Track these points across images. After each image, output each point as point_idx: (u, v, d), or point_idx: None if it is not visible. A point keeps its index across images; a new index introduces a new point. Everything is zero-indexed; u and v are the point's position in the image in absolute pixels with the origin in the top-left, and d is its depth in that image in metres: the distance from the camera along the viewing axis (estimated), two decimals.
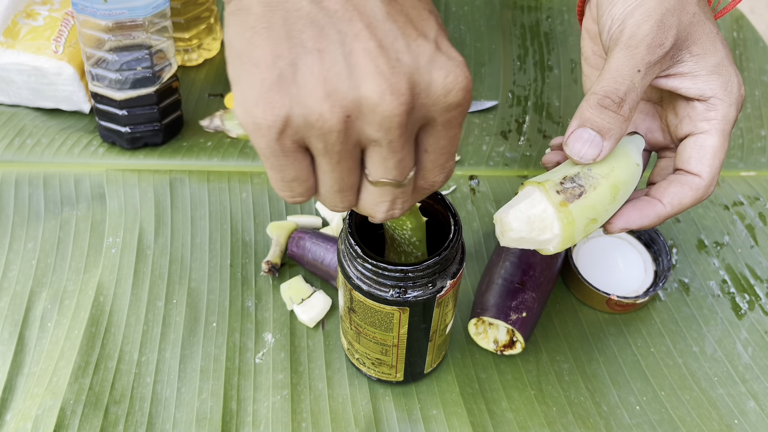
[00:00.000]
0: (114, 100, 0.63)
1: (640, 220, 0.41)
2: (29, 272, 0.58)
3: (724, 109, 0.40)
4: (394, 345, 0.47)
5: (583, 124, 0.38)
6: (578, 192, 0.39)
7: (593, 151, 0.38)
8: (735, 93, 0.40)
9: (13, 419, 0.50)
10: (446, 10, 0.82)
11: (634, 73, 0.38)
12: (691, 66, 0.40)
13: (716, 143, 0.40)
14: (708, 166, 0.40)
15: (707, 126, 0.40)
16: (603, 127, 0.38)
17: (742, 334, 0.58)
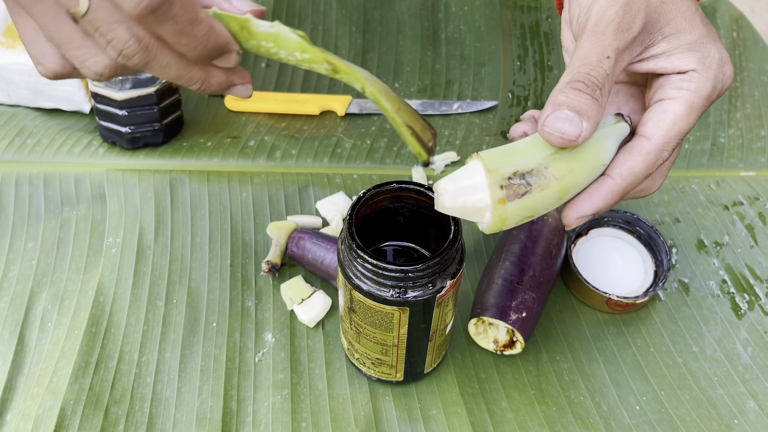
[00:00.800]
0: (114, 100, 0.63)
1: (590, 204, 0.39)
2: (29, 272, 0.58)
3: (699, 82, 0.38)
4: (394, 345, 0.47)
5: (558, 106, 0.37)
6: (522, 191, 0.37)
7: (574, 129, 0.36)
8: (714, 68, 0.38)
9: (13, 419, 0.50)
10: (446, 10, 0.82)
11: (603, 59, 0.37)
12: (665, 46, 0.39)
13: (679, 110, 0.38)
14: (662, 130, 0.38)
15: (677, 94, 0.39)
16: (580, 108, 0.36)
17: (741, 334, 0.58)
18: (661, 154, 0.39)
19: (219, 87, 0.37)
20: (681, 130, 0.39)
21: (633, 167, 0.38)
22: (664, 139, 0.38)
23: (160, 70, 0.34)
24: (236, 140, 0.69)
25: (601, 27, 0.38)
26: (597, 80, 0.37)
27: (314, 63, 0.36)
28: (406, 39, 0.80)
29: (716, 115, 0.74)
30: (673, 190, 0.68)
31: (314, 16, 0.81)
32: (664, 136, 0.38)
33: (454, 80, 0.77)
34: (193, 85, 0.36)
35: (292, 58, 0.36)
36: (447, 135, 0.72)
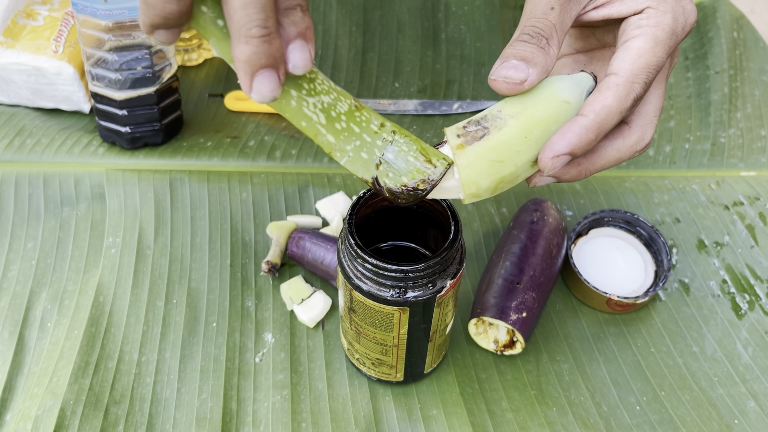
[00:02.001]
0: (114, 100, 0.63)
1: (565, 141, 0.37)
2: (29, 272, 0.58)
3: (657, 17, 0.38)
4: (394, 345, 0.47)
5: (506, 58, 0.38)
6: (480, 134, 0.37)
7: (519, 74, 0.37)
8: (670, 2, 0.38)
9: (13, 419, 0.50)
10: (446, 10, 0.82)
11: (547, 10, 0.38)
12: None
13: (642, 44, 0.38)
14: (628, 62, 0.38)
15: (638, 32, 0.38)
16: (525, 56, 0.37)
17: (742, 334, 0.58)
18: (631, 86, 0.38)
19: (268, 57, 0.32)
20: (648, 62, 0.38)
21: (604, 101, 0.37)
22: (632, 71, 0.38)
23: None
24: (236, 140, 0.69)
25: None
26: (542, 30, 0.37)
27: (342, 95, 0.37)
28: (406, 39, 0.80)
29: (716, 115, 0.74)
30: (673, 190, 0.68)
31: (314, 16, 0.81)
32: (630, 68, 0.38)
33: (454, 80, 0.77)
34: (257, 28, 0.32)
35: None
36: None
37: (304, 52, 0.33)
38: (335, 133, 0.37)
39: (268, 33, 0.31)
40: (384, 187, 0.38)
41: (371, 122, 0.38)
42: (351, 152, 0.37)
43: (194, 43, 0.76)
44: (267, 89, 0.32)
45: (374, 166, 0.37)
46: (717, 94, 0.75)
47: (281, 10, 0.32)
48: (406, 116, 0.74)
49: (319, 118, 0.36)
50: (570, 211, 0.65)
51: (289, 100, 0.35)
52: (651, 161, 0.70)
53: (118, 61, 0.61)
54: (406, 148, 0.38)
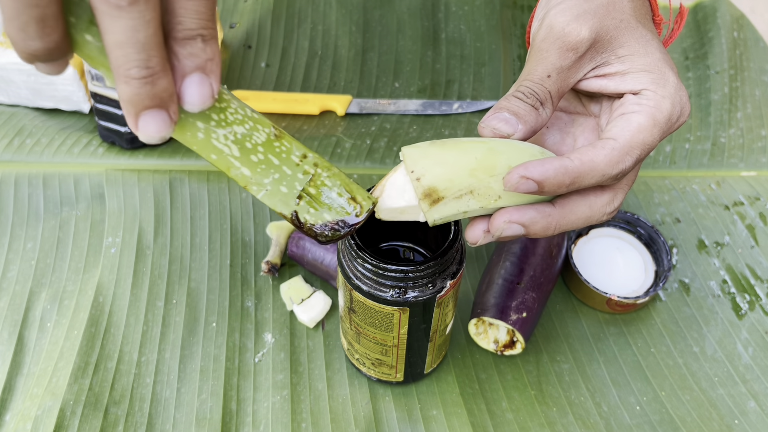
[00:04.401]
0: (114, 100, 0.63)
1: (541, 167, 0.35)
2: (29, 272, 0.58)
3: (656, 100, 0.38)
4: (394, 345, 0.47)
5: (498, 109, 0.38)
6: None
7: (508, 128, 0.37)
8: (670, 88, 0.38)
9: (12, 420, 0.50)
10: (446, 10, 0.82)
11: (544, 77, 0.38)
12: (618, 67, 0.39)
13: (643, 121, 0.37)
14: (627, 134, 0.37)
15: (638, 108, 0.38)
16: (518, 112, 0.37)
17: (742, 334, 0.58)
18: (624, 157, 0.37)
19: (154, 97, 0.30)
20: (645, 140, 0.37)
21: (594, 157, 0.37)
22: (630, 143, 0.37)
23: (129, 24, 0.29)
24: None
25: (546, 44, 0.38)
26: (537, 94, 0.38)
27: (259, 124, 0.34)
28: (406, 39, 0.80)
29: (717, 115, 0.74)
30: (673, 190, 0.68)
31: (314, 15, 0.81)
32: (630, 139, 0.37)
33: (454, 80, 0.77)
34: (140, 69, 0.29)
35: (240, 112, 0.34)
36: (447, 135, 0.72)
37: (203, 87, 0.30)
38: (251, 165, 0.34)
39: (150, 74, 0.28)
40: (304, 224, 0.36)
41: (292, 153, 0.35)
42: (269, 185, 0.35)
43: None
44: (153, 129, 0.30)
45: (294, 200, 0.35)
46: (717, 94, 0.75)
47: (178, 40, 0.29)
48: (406, 116, 0.74)
49: (232, 151, 0.34)
50: None
51: (195, 132, 0.33)
52: (651, 161, 0.70)
53: None
54: (329, 183, 0.36)
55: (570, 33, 0.38)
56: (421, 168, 0.36)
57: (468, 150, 0.36)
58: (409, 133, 0.71)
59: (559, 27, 0.38)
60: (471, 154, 0.36)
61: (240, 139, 0.34)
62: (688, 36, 0.80)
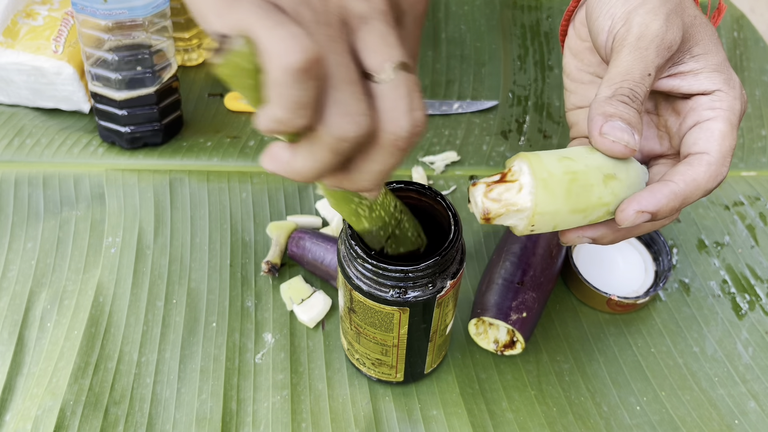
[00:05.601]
0: (114, 100, 0.63)
1: (654, 200, 0.36)
2: (29, 272, 0.58)
3: (730, 101, 0.38)
4: (394, 345, 0.47)
5: (610, 117, 0.36)
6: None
7: (631, 138, 0.36)
8: (738, 89, 0.39)
9: (12, 420, 0.50)
10: (446, 10, 0.82)
11: (645, 76, 0.37)
12: (692, 65, 0.39)
13: (723, 128, 0.38)
14: (717, 144, 0.38)
15: (712, 114, 0.38)
16: (631, 120, 0.36)
17: (742, 334, 0.58)
18: (721, 168, 0.38)
19: None
20: (732, 145, 0.38)
21: (696, 176, 0.37)
22: (722, 153, 0.38)
23: None
24: (236, 140, 0.69)
25: (645, 42, 0.37)
26: (640, 96, 0.37)
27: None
28: None
29: None
30: None
31: None
32: (720, 149, 0.38)
33: (455, 80, 0.77)
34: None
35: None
36: (447, 135, 0.72)
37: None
38: (371, 221, 0.40)
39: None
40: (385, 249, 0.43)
41: (391, 205, 0.41)
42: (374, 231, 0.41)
43: (194, 43, 0.76)
44: None
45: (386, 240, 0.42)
46: None
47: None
48: None
49: (364, 211, 0.40)
50: None
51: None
52: None
53: (117, 60, 0.61)
54: (407, 226, 0.43)
55: (667, 32, 0.37)
56: (542, 218, 0.36)
57: (592, 193, 0.36)
58: None
59: (657, 26, 0.37)
60: (594, 195, 0.37)
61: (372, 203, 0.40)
62: None
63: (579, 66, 0.46)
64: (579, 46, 0.45)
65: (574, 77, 0.46)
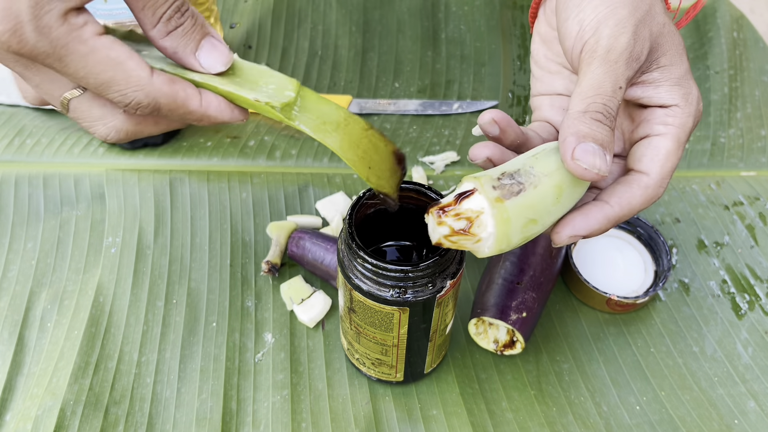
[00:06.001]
0: None
1: (586, 224, 0.39)
2: (29, 272, 0.58)
3: (683, 118, 0.39)
4: (394, 345, 0.47)
5: (583, 138, 0.37)
6: (516, 189, 0.37)
7: (603, 163, 0.36)
8: (694, 105, 0.39)
9: (12, 420, 0.50)
10: (446, 10, 0.82)
11: (616, 89, 0.38)
12: (656, 76, 0.39)
13: (670, 146, 0.39)
14: (659, 166, 0.39)
15: (664, 129, 0.39)
16: (603, 141, 0.37)
17: (742, 334, 0.58)
18: (658, 190, 0.39)
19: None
20: (673, 166, 0.39)
21: (631, 200, 0.39)
22: (661, 175, 0.39)
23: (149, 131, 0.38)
24: (236, 140, 0.69)
25: (614, 55, 0.38)
26: (612, 111, 0.37)
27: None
28: (406, 39, 0.80)
29: (716, 115, 0.74)
30: (673, 190, 0.68)
31: (314, 16, 0.81)
32: (660, 171, 0.39)
33: (454, 80, 0.77)
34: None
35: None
36: (447, 135, 0.72)
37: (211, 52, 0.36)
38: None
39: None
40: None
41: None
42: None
43: None
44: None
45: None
46: (717, 94, 0.75)
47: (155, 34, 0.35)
48: (406, 116, 0.74)
49: None
50: None
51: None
52: None
53: None
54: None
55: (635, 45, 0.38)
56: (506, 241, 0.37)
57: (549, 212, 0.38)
58: (409, 133, 0.71)
59: (625, 40, 0.38)
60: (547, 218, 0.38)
61: None
62: (687, 36, 0.80)
63: (547, 54, 0.46)
64: (549, 34, 0.45)
65: (542, 65, 0.47)
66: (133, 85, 0.33)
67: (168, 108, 0.34)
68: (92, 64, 0.32)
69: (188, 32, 0.34)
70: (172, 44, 0.34)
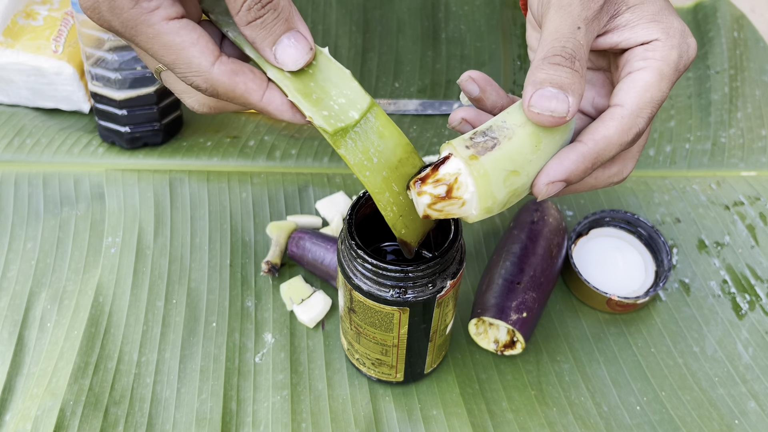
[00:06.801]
0: (114, 100, 0.63)
1: (561, 167, 0.37)
2: (29, 272, 0.58)
3: (664, 51, 0.37)
4: (394, 345, 0.47)
5: (540, 84, 0.35)
6: (491, 144, 0.36)
7: (562, 106, 0.35)
8: (677, 37, 0.38)
9: (12, 420, 0.50)
10: (446, 10, 0.82)
11: (574, 30, 0.36)
12: (628, 17, 0.38)
13: (649, 78, 0.37)
14: (634, 96, 0.37)
15: (643, 64, 0.38)
16: (563, 83, 0.35)
17: (742, 334, 0.58)
18: (635, 120, 0.37)
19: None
20: (654, 97, 0.37)
21: (606, 131, 0.37)
22: (638, 105, 0.37)
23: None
24: (236, 140, 0.69)
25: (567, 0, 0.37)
26: (573, 51, 0.36)
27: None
28: (406, 39, 0.80)
29: (717, 114, 0.74)
30: (673, 190, 0.68)
31: (314, 15, 0.81)
32: (637, 101, 0.37)
33: (454, 80, 0.77)
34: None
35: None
36: (447, 135, 0.72)
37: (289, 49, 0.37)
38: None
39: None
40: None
41: None
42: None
43: None
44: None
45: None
46: (717, 93, 0.75)
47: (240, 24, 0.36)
48: (406, 116, 0.74)
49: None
50: (570, 211, 0.65)
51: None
52: (651, 161, 0.70)
53: (117, 60, 0.61)
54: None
55: None
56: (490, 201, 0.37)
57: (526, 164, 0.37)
58: (409, 133, 0.71)
59: None
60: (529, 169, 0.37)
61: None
62: None
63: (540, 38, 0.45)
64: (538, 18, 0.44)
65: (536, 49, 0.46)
66: (194, 71, 0.35)
67: (226, 96, 0.36)
68: (158, 47, 0.34)
69: (268, 24, 0.35)
70: (251, 34, 0.35)
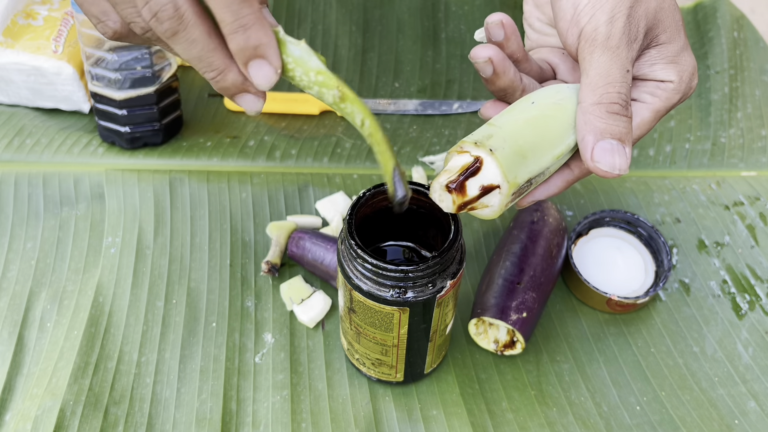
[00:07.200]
0: (114, 100, 0.63)
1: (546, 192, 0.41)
2: (28, 272, 0.58)
3: (670, 93, 0.40)
4: (394, 345, 0.47)
5: (601, 135, 0.38)
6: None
7: (623, 160, 0.38)
8: (686, 82, 0.40)
9: (12, 420, 0.50)
10: (446, 9, 0.82)
11: (624, 73, 0.38)
12: (653, 54, 0.40)
13: (647, 116, 0.40)
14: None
15: (649, 99, 0.40)
16: (622, 134, 0.38)
17: (742, 334, 0.58)
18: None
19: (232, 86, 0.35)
20: (641, 134, 0.41)
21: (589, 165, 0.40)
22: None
23: (184, 46, 0.33)
24: (236, 140, 0.69)
25: (614, 41, 0.38)
26: (626, 97, 0.38)
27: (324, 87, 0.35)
28: (406, 39, 0.80)
29: (717, 114, 0.74)
30: (673, 190, 0.68)
31: (314, 15, 0.81)
32: None
33: (454, 80, 0.77)
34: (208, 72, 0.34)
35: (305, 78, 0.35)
36: (447, 135, 0.72)
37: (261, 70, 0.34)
38: None
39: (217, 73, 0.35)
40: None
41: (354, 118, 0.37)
42: None
43: None
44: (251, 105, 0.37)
45: None
46: (717, 93, 0.75)
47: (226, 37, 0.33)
48: (406, 116, 0.74)
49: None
50: (570, 211, 0.65)
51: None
52: (651, 161, 0.70)
53: (117, 60, 0.61)
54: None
55: (631, 28, 0.38)
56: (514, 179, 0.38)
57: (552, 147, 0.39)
58: (409, 133, 0.71)
59: (621, 24, 0.38)
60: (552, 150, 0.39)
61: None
62: (688, 36, 0.80)
63: (541, 17, 0.46)
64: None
65: (537, 28, 0.47)
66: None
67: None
68: None
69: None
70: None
